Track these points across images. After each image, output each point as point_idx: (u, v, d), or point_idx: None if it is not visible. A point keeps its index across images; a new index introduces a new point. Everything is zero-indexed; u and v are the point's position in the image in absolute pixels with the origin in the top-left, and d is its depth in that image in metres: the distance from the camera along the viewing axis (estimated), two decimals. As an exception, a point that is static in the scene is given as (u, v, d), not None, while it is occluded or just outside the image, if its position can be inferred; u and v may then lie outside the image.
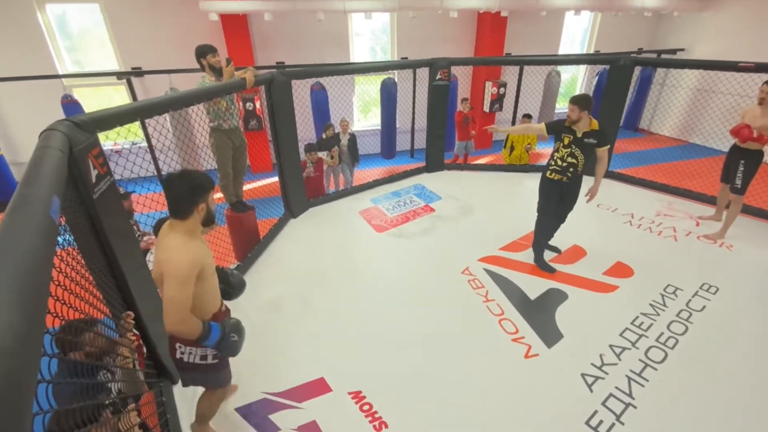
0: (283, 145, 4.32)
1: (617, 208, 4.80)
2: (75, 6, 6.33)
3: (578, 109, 3.15)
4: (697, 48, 8.34)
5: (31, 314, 0.67)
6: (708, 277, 3.51)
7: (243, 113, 6.75)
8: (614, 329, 2.94)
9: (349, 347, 2.86)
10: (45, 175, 1.21)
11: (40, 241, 0.86)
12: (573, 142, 3.25)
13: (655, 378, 2.54)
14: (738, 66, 4.32)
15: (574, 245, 3.99)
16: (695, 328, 2.95)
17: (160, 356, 2.39)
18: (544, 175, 3.47)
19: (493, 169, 6.28)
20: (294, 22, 6.98)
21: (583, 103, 3.14)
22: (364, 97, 8.08)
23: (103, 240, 1.96)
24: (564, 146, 3.29)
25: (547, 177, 3.43)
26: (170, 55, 6.61)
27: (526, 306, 3.22)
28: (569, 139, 3.26)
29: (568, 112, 3.20)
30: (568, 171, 3.31)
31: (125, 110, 2.12)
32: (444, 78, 5.46)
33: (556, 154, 3.36)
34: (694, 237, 4.17)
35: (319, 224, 4.66)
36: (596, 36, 8.93)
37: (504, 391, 2.49)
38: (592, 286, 3.44)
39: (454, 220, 4.66)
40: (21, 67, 5.99)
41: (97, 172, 1.87)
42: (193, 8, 6.18)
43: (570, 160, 3.28)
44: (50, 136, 1.60)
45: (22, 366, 0.57)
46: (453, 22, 7.61)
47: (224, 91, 3.26)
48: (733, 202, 4.02)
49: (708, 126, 7.73)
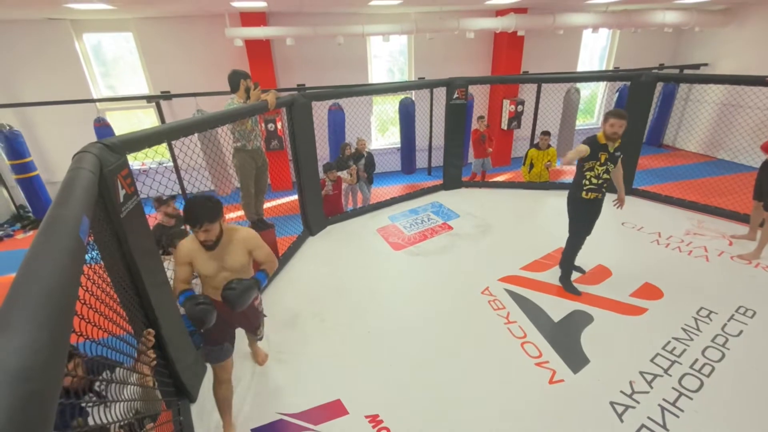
0: (303, 164, 4.40)
1: (643, 227, 4.64)
2: (110, 35, 6.73)
3: (625, 125, 3.10)
4: (721, 63, 8.16)
5: (57, 334, 0.68)
6: (744, 300, 3.32)
7: (265, 134, 6.94)
8: (644, 354, 2.80)
9: (366, 368, 2.80)
10: (76, 196, 1.25)
11: (69, 262, 0.88)
12: (608, 158, 3.19)
13: (691, 408, 2.39)
14: (765, 80, 4.19)
15: (599, 265, 3.86)
16: (732, 355, 2.77)
17: (180, 374, 2.41)
18: (578, 196, 3.31)
19: (512, 187, 6.21)
20: (314, 46, 7.21)
21: (627, 118, 3.10)
22: (382, 116, 8.20)
23: (129, 258, 2.01)
24: (600, 164, 3.19)
25: (583, 198, 3.29)
26: (197, 79, 6.91)
27: (550, 329, 3.11)
28: (606, 156, 3.19)
29: (616, 128, 3.10)
30: (603, 187, 3.26)
31: (154, 132, 2.21)
32: (461, 97, 5.50)
33: (589, 173, 3.22)
34: (727, 257, 3.98)
35: (336, 242, 4.67)
36: (615, 52, 8.88)
37: (527, 418, 2.38)
38: (618, 308, 3.30)
39: (473, 238, 4.60)
40: (58, 91, 6.36)
41: (124, 191, 1.94)
42: (219, 35, 6.48)
43: (605, 177, 3.22)
44: (83, 158, 1.67)
45: (45, 388, 0.58)
46: (470, 42, 7.71)
47: (248, 113, 3.37)
48: (767, 221, 3.84)
49: (736, 141, 7.48)
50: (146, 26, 6.61)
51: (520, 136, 8.68)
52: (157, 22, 6.60)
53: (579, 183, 3.31)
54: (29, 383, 0.55)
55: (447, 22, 6.47)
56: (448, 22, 6.47)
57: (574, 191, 3.37)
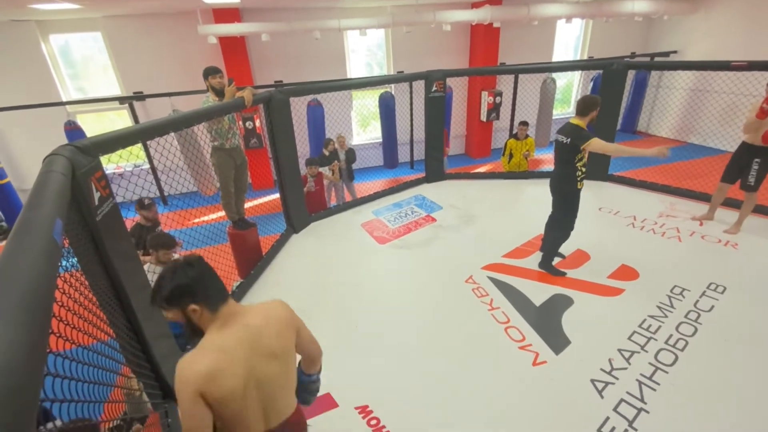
0: (283, 161, 4.37)
1: (619, 211, 4.79)
2: (78, 35, 6.50)
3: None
4: (690, 49, 8.42)
5: (34, 334, 0.68)
6: (715, 276, 3.48)
7: (243, 132, 6.84)
8: (622, 333, 2.91)
9: (354, 360, 2.83)
10: (48, 199, 1.23)
11: (44, 263, 0.88)
12: None
13: (667, 381, 2.50)
14: (731, 65, 4.35)
15: (578, 249, 3.97)
16: (704, 329, 2.91)
17: (166, 377, 2.39)
18: (573, 188, 3.30)
19: (492, 177, 6.31)
20: (291, 42, 7.13)
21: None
22: (362, 111, 8.18)
23: (106, 261, 1.97)
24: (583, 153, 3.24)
25: (577, 189, 3.31)
26: (171, 78, 6.75)
27: (532, 313, 3.19)
28: None
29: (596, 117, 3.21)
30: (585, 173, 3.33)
31: (126, 133, 2.17)
32: (439, 89, 5.53)
33: (579, 163, 3.22)
34: (699, 237, 4.14)
35: (321, 238, 4.67)
36: (589, 42, 9.05)
37: (513, 400, 2.45)
38: (597, 290, 3.42)
39: (456, 229, 4.66)
40: (26, 95, 6.13)
41: (99, 194, 1.90)
42: (191, 32, 6.33)
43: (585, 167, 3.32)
44: (53, 160, 1.64)
45: (24, 385, 0.58)
46: (447, 35, 7.74)
47: (223, 111, 3.32)
48: (746, 200, 4.05)
49: (705, 125, 7.75)
50: (115, 25, 6.40)
51: (499, 127, 8.79)
52: (126, 21, 6.40)
53: (572, 175, 3.25)
54: (10, 378, 0.55)
55: (423, 15, 6.49)
56: (424, 15, 6.48)
57: (567, 184, 3.32)
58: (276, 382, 1.28)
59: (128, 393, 1.85)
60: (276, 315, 1.33)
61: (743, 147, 4.01)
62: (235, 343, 1.19)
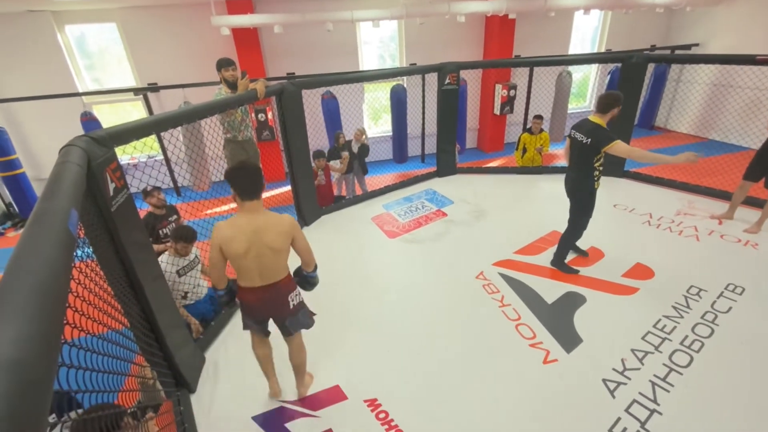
0: (295, 154, 4.37)
1: (634, 208, 4.69)
2: (93, 26, 6.56)
3: None
4: (712, 43, 8.15)
5: (49, 326, 0.68)
6: (733, 277, 3.39)
7: (255, 124, 6.86)
8: (636, 333, 2.86)
9: (363, 354, 2.84)
10: (64, 190, 1.24)
11: (59, 254, 0.88)
12: None
13: (681, 383, 2.45)
14: (756, 59, 4.20)
15: (592, 247, 3.90)
16: (721, 331, 2.84)
17: (178, 366, 2.42)
18: (590, 187, 3.23)
19: (505, 172, 6.22)
20: (303, 34, 7.10)
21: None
22: (374, 104, 8.13)
23: (121, 251, 2.00)
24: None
25: (594, 188, 3.25)
26: (184, 70, 6.78)
27: (543, 310, 3.15)
28: None
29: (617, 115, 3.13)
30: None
31: (141, 124, 2.18)
32: (453, 82, 5.46)
33: (597, 163, 3.15)
34: (717, 236, 4.04)
35: (331, 231, 4.68)
36: (607, 34, 8.82)
37: (522, 398, 2.43)
38: (611, 288, 3.36)
39: (467, 224, 4.62)
40: (42, 86, 6.22)
41: (114, 185, 1.92)
42: (205, 24, 6.34)
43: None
44: (69, 151, 1.65)
45: (41, 377, 0.58)
46: (461, 27, 7.62)
47: (236, 103, 3.32)
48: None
49: (727, 121, 7.52)
50: (130, 16, 6.45)
51: (513, 121, 8.66)
52: (141, 12, 6.44)
53: (589, 174, 3.17)
54: (25, 373, 0.55)
55: (437, 6, 6.38)
56: (438, 6, 6.38)
57: (585, 183, 3.23)
58: (268, 260, 2.03)
59: (142, 381, 1.88)
60: (277, 225, 2.03)
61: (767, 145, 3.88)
62: (246, 226, 1.95)
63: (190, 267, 2.93)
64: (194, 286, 3.00)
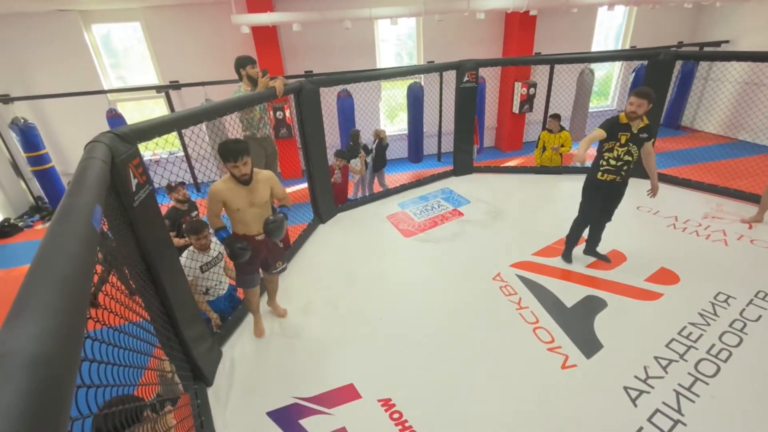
0: (312, 151, 4.38)
1: (659, 211, 4.54)
2: (118, 25, 6.73)
3: (647, 104, 3.00)
4: (743, 40, 7.81)
5: (72, 320, 0.69)
6: (764, 284, 3.24)
7: (273, 122, 6.92)
8: (659, 340, 2.76)
9: (378, 353, 2.83)
10: (88, 185, 1.26)
11: (82, 249, 0.89)
12: (630, 139, 3.11)
13: (707, 393, 2.36)
14: (793, 56, 4.00)
15: (613, 250, 3.79)
16: (750, 340, 2.72)
17: (196, 359, 2.46)
18: (593, 177, 3.31)
19: (523, 172, 6.11)
20: (321, 32, 7.11)
21: (651, 98, 3.00)
22: (391, 102, 8.09)
23: (143, 246, 2.03)
24: (621, 145, 3.13)
25: (598, 179, 3.28)
26: (205, 68, 6.89)
27: (563, 314, 3.08)
28: (626, 137, 3.12)
29: (634, 107, 3.01)
30: (622, 170, 3.21)
31: (163, 121, 2.21)
32: (471, 80, 5.39)
33: (608, 154, 3.19)
34: (747, 241, 3.87)
35: (347, 229, 4.68)
36: (632, 31, 8.56)
37: (539, 403, 2.38)
38: (633, 293, 3.26)
39: (484, 224, 4.56)
40: (70, 83, 6.42)
41: (137, 181, 1.95)
42: (225, 22, 6.42)
43: (626, 158, 3.16)
44: (94, 147, 1.68)
45: (63, 373, 0.59)
46: (480, 24, 7.51)
47: (255, 101, 3.35)
48: None
49: (758, 121, 7.21)
50: (153, 15, 6.58)
51: (533, 120, 8.50)
52: (164, 11, 6.56)
53: (597, 164, 3.29)
54: (47, 369, 0.56)
55: (456, 2, 6.30)
56: (457, 3, 6.30)
57: (591, 172, 3.36)
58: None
59: (161, 375, 1.91)
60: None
61: None
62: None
63: (213, 263, 2.96)
64: (216, 283, 3.04)
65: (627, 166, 3.18)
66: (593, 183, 3.34)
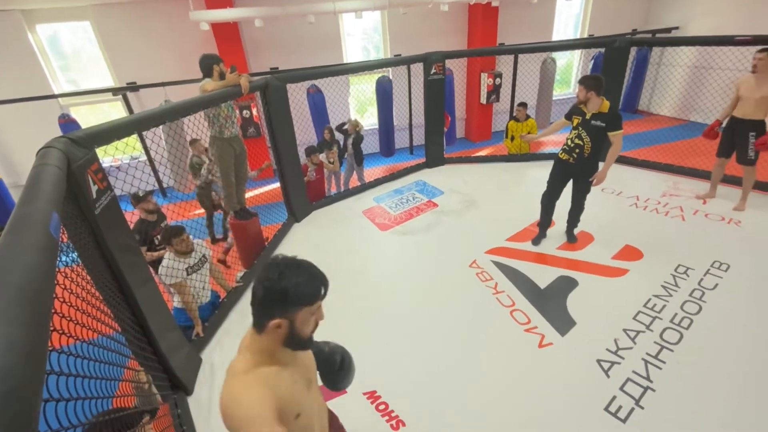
0: (283, 150, 4.31)
1: (622, 191, 4.75)
2: (66, 25, 6.34)
3: (585, 90, 3.12)
4: (692, 25, 8.24)
5: (34, 331, 0.65)
6: (718, 254, 3.47)
7: (240, 121, 6.74)
8: (627, 313, 2.91)
9: (360, 347, 2.81)
10: (43, 192, 1.20)
11: (41, 258, 0.85)
12: (581, 123, 3.24)
13: (672, 359, 2.51)
14: (734, 40, 4.26)
15: (581, 231, 3.94)
16: (709, 307, 2.91)
17: (173, 369, 2.39)
18: (557, 156, 3.54)
19: (494, 161, 6.24)
20: (285, 27, 6.97)
21: (589, 83, 3.11)
22: (360, 96, 8.05)
23: (108, 255, 1.95)
24: (573, 127, 3.32)
25: (558, 156, 3.52)
26: (164, 68, 6.61)
27: (537, 295, 3.19)
28: (578, 120, 3.27)
29: (577, 92, 3.19)
30: (574, 152, 3.34)
31: (121, 124, 2.12)
32: (439, 72, 5.43)
33: (568, 135, 3.42)
34: (702, 215, 4.12)
35: (323, 226, 4.65)
36: (589, 20, 8.85)
37: (520, 383, 2.46)
38: (601, 271, 3.41)
39: (458, 213, 4.63)
40: (16, 89, 6.01)
41: (97, 187, 1.86)
42: (183, 19, 6.17)
43: (577, 142, 3.28)
44: (47, 153, 1.59)
45: (26, 385, 0.56)
46: (444, 16, 7.57)
47: (219, 99, 3.25)
48: (747, 174, 4.04)
49: (707, 103, 7.63)
50: (104, 13, 6.24)
51: (500, 110, 8.67)
52: (116, 9, 6.23)
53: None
54: (7, 381, 0.53)
55: (420, -5, 6.32)
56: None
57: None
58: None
59: (136, 386, 1.85)
60: None
61: (734, 122, 3.98)
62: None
63: (198, 266, 2.83)
64: (200, 289, 2.91)
65: (579, 150, 3.30)
66: (556, 159, 3.57)
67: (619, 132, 3.18)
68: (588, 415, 2.22)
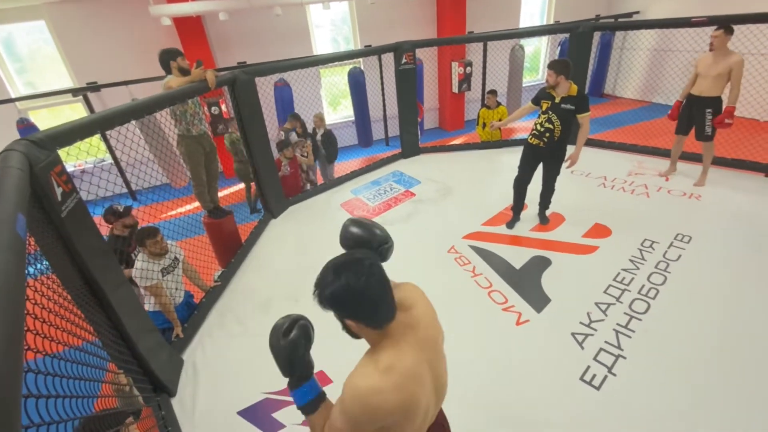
0: (255, 145, 4.25)
1: (590, 173, 4.93)
2: (20, 25, 6.01)
3: (555, 74, 3.20)
4: (652, 9, 8.53)
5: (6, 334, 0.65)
6: (681, 227, 3.66)
7: (209, 118, 6.58)
8: (598, 287, 3.05)
9: (345, 339, 2.85)
10: (7, 194, 1.16)
11: (9, 258, 0.83)
12: (550, 107, 3.33)
13: (641, 328, 2.65)
14: (691, 21, 4.45)
15: (553, 212, 4.08)
16: (673, 277, 3.08)
17: (155, 371, 2.36)
18: (527, 139, 3.61)
19: (468, 149, 6.34)
20: (251, 20, 6.81)
21: (558, 67, 3.19)
22: (332, 89, 7.98)
23: (77, 259, 1.90)
24: (543, 112, 3.39)
25: (527, 141, 3.59)
26: (127, 66, 6.37)
27: (513, 276, 3.29)
28: (547, 104, 3.35)
29: (547, 76, 3.26)
30: (544, 136, 3.41)
31: (82, 123, 2.05)
32: (409, 61, 5.45)
33: (537, 120, 3.48)
34: (665, 192, 4.33)
35: (300, 221, 4.63)
36: (554, 7, 9.04)
37: (501, 360, 2.55)
38: (573, 249, 3.54)
39: (435, 202, 4.70)
40: (-33, 94, 5.68)
41: (62, 190, 1.81)
42: (143, 15, 5.95)
43: (547, 125, 3.36)
44: (7, 156, 1.54)
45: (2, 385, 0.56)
46: (413, 5, 7.57)
47: (187, 95, 3.18)
48: (706, 150, 4.24)
49: (668, 84, 7.95)
50: (60, 11, 5.94)
51: (472, 98, 8.78)
52: (71, 6, 5.94)
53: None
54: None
55: (387, -15, 6.30)
56: (388, -15, 6.30)
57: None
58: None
59: (117, 389, 1.82)
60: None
61: (692, 100, 4.16)
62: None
63: (171, 268, 2.79)
64: (174, 290, 2.88)
65: (549, 134, 3.39)
66: (525, 143, 3.64)
67: (587, 114, 3.30)
68: (565, 385, 2.33)
